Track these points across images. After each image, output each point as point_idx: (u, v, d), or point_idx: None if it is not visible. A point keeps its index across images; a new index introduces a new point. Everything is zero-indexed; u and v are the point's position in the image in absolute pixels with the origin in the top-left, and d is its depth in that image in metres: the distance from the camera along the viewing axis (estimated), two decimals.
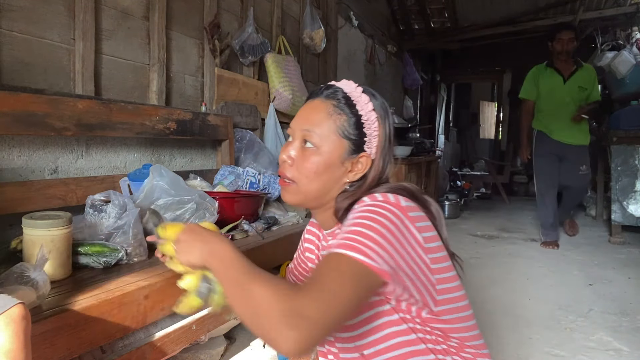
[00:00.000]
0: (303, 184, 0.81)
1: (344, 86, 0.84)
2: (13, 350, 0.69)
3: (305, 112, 0.84)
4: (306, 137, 0.81)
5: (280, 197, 2.52)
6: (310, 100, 0.86)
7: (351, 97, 0.81)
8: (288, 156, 0.83)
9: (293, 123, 0.85)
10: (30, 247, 1.16)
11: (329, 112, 0.81)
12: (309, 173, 0.80)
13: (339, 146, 0.80)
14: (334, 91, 0.83)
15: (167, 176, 1.66)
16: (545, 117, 3.73)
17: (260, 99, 2.93)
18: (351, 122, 0.80)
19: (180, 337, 1.36)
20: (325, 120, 0.80)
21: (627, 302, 2.45)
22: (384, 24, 5.78)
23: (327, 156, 0.80)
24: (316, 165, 0.80)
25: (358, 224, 0.68)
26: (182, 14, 2.32)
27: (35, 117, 1.48)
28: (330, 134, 0.80)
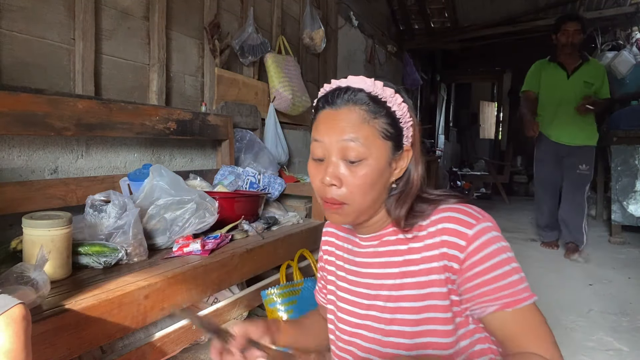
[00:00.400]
0: (357, 202, 0.74)
1: (363, 85, 0.76)
2: (13, 350, 0.69)
3: (335, 123, 0.74)
4: (349, 149, 0.72)
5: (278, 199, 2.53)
6: (330, 109, 0.76)
7: (377, 95, 0.75)
8: (333, 177, 0.73)
9: (324, 138, 0.74)
10: (30, 247, 1.16)
11: (364, 118, 0.73)
12: (363, 188, 0.73)
13: (384, 149, 0.74)
14: (354, 95, 0.75)
15: (167, 176, 1.66)
16: (545, 116, 3.49)
17: (260, 99, 2.93)
18: (389, 122, 0.75)
19: (180, 337, 1.36)
20: (365, 127, 0.73)
21: (627, 302, 2.45)
22: (384, 24, 5.78)
23: (377, 164, 0.73)
24: (370, 178, 0.73)
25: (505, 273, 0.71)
26: (182, 14, 2.32)
27: (35, 117, 1.48)
28: (374, 139, 0.73)
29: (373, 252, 0.82)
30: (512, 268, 0.71)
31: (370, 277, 0.81)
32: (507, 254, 0.72)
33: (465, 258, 0.72)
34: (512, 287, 0.70)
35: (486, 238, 0.71)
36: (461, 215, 0.74)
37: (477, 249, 0.71)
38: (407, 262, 0.77)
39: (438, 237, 0.74)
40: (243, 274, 1.66)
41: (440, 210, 0.76)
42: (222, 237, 1.67)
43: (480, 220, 0.73)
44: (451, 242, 0.73)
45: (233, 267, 1.59)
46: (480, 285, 0.71)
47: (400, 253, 0.78)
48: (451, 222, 0.74)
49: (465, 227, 0.72)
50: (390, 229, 0.81)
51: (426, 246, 0.75)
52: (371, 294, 0.81)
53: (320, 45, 3.47)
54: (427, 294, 0.75)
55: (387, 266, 0.79)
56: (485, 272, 0.71)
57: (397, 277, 0.77)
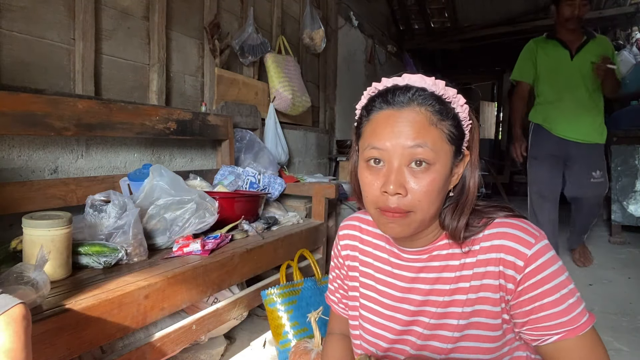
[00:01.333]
0: (423, 212, 0.67)
1: (424, 84, 0.69)
2: (14, 349, 0.69)
3: (400, 126, 0.66)
4: (417, 155, 0.65)
5: (278, 199, 2.54)
6: (390, 109, 0.68)
7: (442, 95, 0.69)
8: (398, 185, 0.66)
9: (387, 142, 0.66)
10: (30, 247, 1.16)
11: (431, 120, 0.66)
12: (431, 196, 0.67)
13: (449, 154, 0.68)
14: (419, 94, 0.68)
15: (167, 176, 1.66)
16: (545, 106, 2.85)
17: (260, 99, 2.93)
18: (454, 124, 0.68)
19: (180, 337, 1.36)
20: (433, 131, 0.66)
21: (627, 302, 2.45)
22: (384, 24, 5.78)
23: (443, 170, 0.67)
24: (437, 185, 0.67)
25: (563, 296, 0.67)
26: (182, 14, 2.32)
27: (35, 117, 1.48)
28: (442, 143, 0.67)
29: (421, 267, 0.76)
30: (569, 290, 0.68)
31: (415, 292, 0.76)
32: (564, 276, 0.68)
33: (521, 280, 0.68)
34: (572, 312, 0.67)
35: (544, 259, 0.68)
36: (519, 233, 0.69)
37: (535, 271, 0.67)
38: (459, 279, 0.72)
39: (494, 253, 0.70)
40: (243, 274, 1.66)
41: (495, 224, 0.72)
42: (222, 237, 1.67)
43: (538, 239, 0.69)
44: (509, 262, 0.69)
45: (233, 267, 1.59)
46: (537, 310, 0.68)
47: (453, 269, 0.73)
48: (509, 240, 0.69)
49: (525, 246, 0.68)
50: (440, 242, 0.75)
51: (479, 262, 0.71)
52: (414, 310, 0.76)
53: (320, 45, 3.47)
54: (475, 312, 0.71)
55: (437, 282, 0.74)
56: (543, 297, 0.67)
57: (447, 294, 0.73)
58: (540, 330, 0.68)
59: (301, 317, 1.55)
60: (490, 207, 0.76)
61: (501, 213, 0.74)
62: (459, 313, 0.72)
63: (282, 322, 1.54)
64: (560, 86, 2.76)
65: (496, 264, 0.69)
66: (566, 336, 0.66)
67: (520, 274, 0.68)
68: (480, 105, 10.36)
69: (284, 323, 1.54)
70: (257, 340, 1.81)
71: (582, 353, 0.66)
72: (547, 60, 2.80)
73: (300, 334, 1.53)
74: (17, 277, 0.98)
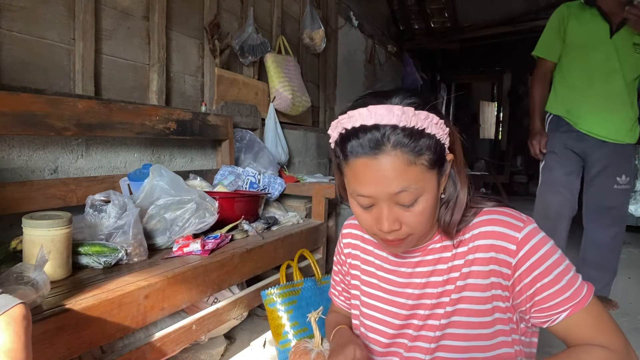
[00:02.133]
0: (420, 232, 0.72)
1: (393, 119, 0.64)
2: (14, 349, 0.69)
3: (381, 175, 0.65)
4: (402, 198, 0.67)
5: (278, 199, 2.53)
6: (365, 158, 0.66)
7: (414, 126, 0.65)
8: (392, 222, 0.68)
9: (370, 192, 0.67)
10: (30, 247, 1.16)
11: (409, 161, 0.65)
12: (425, 219, 0.70)
13: (434, 178, 0.69)
14: (390, 135, 0.64)
15: (167, 176, 1.66)
16: (570, 93, 2.24)
17: (260, 99, 2.93)
18: (433, 150, 0.67)
19: (180, 337, 1.36)
20: (412, 170, 0.65)
21: (627, 302, 2.44)
22: (384, 24, 5.78)
23: (431, 194, 0.69)
24: (429, 210, 0.69)
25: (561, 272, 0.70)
26: (182, 14, 2.32)
27: (35, 117, 1.48)
28: (423, 175, 0.67)
29: (417, 262, 0.79)
30: (565, 267, 0.70)
31: (412, 287, 0.79)
32: (557, 254, 0.71)
33: (517, 264, 0.69)
34: (572, 287, 0.69)
35: (536, 240, 0.70)
36: (507, 218, 0.72)
37: (529, 253, 0.69)
38: (452, 269, 0.75)
39: (482, 240, 0.71)
40: (243, 274, 1.66)
41: (483, 212, 0.74)
42: (222, 237, 1.67)
43: (527, 223, 0.71)
44: (500, 247, 0.70)
45: (233, 267, 1.59)
46: (539, 291, 0.69)
47: (446, 260, 0.76)
48: (497, 225, 0.71)
49: (514, 230, 0.70)
50: (435, 237, 0.78)
51: (470, 249, 0.73)
52: (411, 304, 0.78)
53: (320, 45, 3.47)
54: (461, 298, 0.73)
55: (432, 275, 0.77)
56: (542, 277, 0.69)
57: (440, 285, 0.75)
58: (546, 310, 0.70)
59: (301, 317, 1.54)
60: (478, 197, 0.78)
61: (489, 203, 0.77)
62: (447, 302, 0.74)
63: (282, 322, 1.54)
64: (593, 68, 2.16)
65: (486, 250, 0.71)
66: (573, 311, 0.69)
67: (514, 258, 0.70)
68: (480, 105, 10.36)
69: (284, 323, 1.54)
70: (257, 340, 1.81)
71: (592, 323, 0.69)
72: (580, 33, 2.19)
73: (300, 334, 1.53)
74: (17, 277, 0.98)
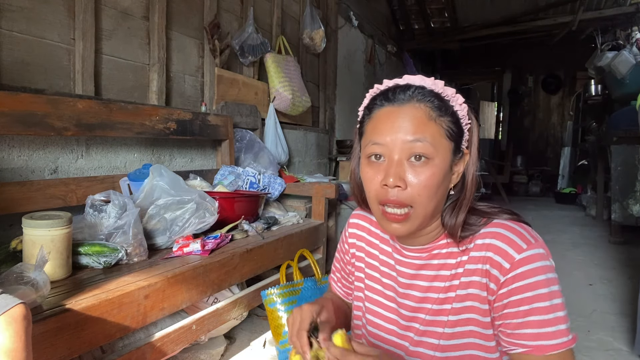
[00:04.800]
0: (423, 206, 0.68)
1: (424, 83, 0.71)
2: (14, 349, 0.69)
3: (401, 122, 0.68)
4: (416, 149, 0.66)
5: (278, 199, 2.53)
6: (390, 106, 0.70)
7: (441, 93, 0.70)
8: (397, 178, 0.67)
9: (387, 137, 0.68)
10: (30, 247, 1.16)
11: (430, 116, 0.68)
12: (430, 190, 0.67)
13: (448, 150, 0.69)
14: (419, 91, 0.70)
15: (167, 176, 1.66)
16: None
17: (260, 99, 2.93)
18: (453, 121, 0.70)
19: (180, 337, 1.36)
20: (432, 125, 0.68)
21: (627, 302, 2.45)
22: (384, 24, 5.78)
23: (443, 165, 0.68)
24: (437, 179, 0.67)
25: (543, 308, 0.65)
26: (182, 14, 2.32)
27: (35, 117, 1.48)
28: (441, 138, 0.68)
29: (421, 264, 0.77)
30: (551, 305, 0.64)
31: (415, 289, 0.78)
32: (551, 288, 0.65)
33: (504, 283, 0.67)
34: (547, 327, 0.64)
35: (533, 266, 0.66)
36: (513, 236, 0.68)
37: (519, 276, 0.66)
38: (454, 277, 0.73)
39: (484, 251, 0.70)
40: (243, 274, 1.66)
41: (492, 224, 0.71)
42: (222, 237, 1.68)
43: (532, 246, 0.67)
44: (495, 261, 0.68)
45: (233, 267, 1.59)
46: (510, 316, 0.66)
47: (450, 267, 0.74)
48: (501, 241, 0.68)
49: (514, 249, 0.67)
50: (441, 241, 0.76)
51: (470, 259, 0.71)
52: (413, 307, 0.77)
53: (320, 45, 3.47)
54: (467, 307, 0.71)
55: (435, 280, 0.75)
56: (520, 304, 0.65)
57: (442, 291, 0.74)
58: (510, 337, 0.66)
59: None
60: (495, 208, 0.75)
61: (504, 215, 0.74)
62: (449, 310, 0.73)
63: (282, 322, 1.54)
64: None
65: (483, 262, 0.69)
66: (532, 352, 0.64)
67: (504, 276, 0.67)
68: (480, 105, 10.36)
69: (284, 323, 1.54)
70: (257, 340, 1.81)
71: None
72: None
73: None
74: (17, 277, 0.98)
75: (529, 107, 8.34)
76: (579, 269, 3.10)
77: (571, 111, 7.76)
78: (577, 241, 4.01)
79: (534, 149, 8.28)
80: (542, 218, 5.26)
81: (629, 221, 3.78)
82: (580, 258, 3.41)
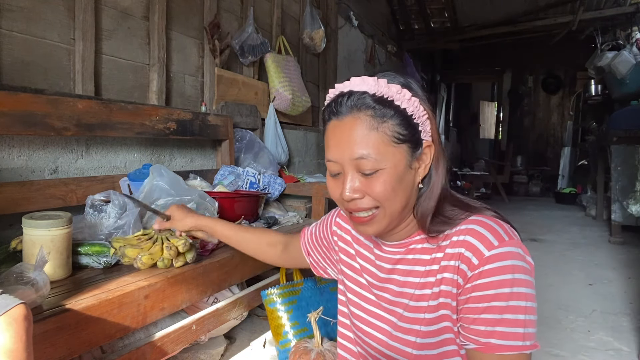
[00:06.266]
0: (387, 207, 0.70)
1: (365, 86, 0.70)
2: (15, 350, 0.69)
3: (344, 138, 0.69)
4: (361, 165, 0.68)
5: (278, 199, 2.53)
6: (335, 120, 0.71)
7: (383, 95, 0.68)
8: (354, 190, 0.70)
9: (335, 155, 0.71)
10: (30, 247, 1.16)
11: (371, 125, 0.67)
12: (388, 195, 0.69)
13: (400, 154, 0.69)
14: (358, 98, 0.69)
15: (167, 176, 1.66)
16: None
17: (260, 99, 2.93)
18: (400, 122, 0.68)
19: (180, 337, 1.36)
20: (373, 137, 0.67)
21: (627, 302, 2.45)
22: (384, 24, 5.78)
23: (394, 170, 0.68)
24: (389, 185, 0.68)
25: (504, 308, 0.63)
26: (182, 14, 2.32)
27: (35, 117, 1.48)
28: (386, 146, 0.68)
29: (398, 259, 0.78)
30: (508, 305, 0.63)
31: (392, 283, 0.79)
32: (513, 289, 0.63)
33: (470, 278, 0.66)
34: (500, 326, 0.63)
35: (500, 265, 0.64)
36: (486, 232, 0.68)
37: (485, 273, 0.65)
38: (429, 273, 0.73)
39: (457, 248, 0.69)
40: (243, 274, 1.66)
41: (468, 221, 0.71)
42: None
43: (505, 244, 0.66)
44: (466, 258, 0.68)
45: (233, 267, 1.59)
46: (469, 311, 0.66)
47: (424, 263, 0.74)
48: (474, 237, 0.68)
49: (485, 246, 0.66)
50: (417, 237, 0.76)
51: (445, 255, 0.71)
52: (391, 300, 0.78)
53: (320, 45, 3.47)
54: (440, 304, 0.71)
55: (410, 275, 0.76)
56: (480, 300, 0.65)
57: (417, 287, 0.74)
58: (465, 330, 0.67)
59: (301, 317, 1.54)
60: (476, 205, 0.75)
61: (487, 212, 0.73)
62: (426, 307, 0.73)
63: (282, 322, 1.54)
64: None
65: (456, 259, 0.69)
66: (481, 349, 0.64)
67: (472, 271, 0.66)
68: (480, 105, 10.37)
69: (284, 323, 1.54)
70: (257, 340, 1.81)
71: None
72: None
73: (300, 334, 1.53)
74: (17, 277, 0.98)
75: (529, 107, 8.34)
76: (579, 269, 3.10)
77: (571, 111, 7.77)
78: (577, 241, 4.01)
79: (534, 149, 8.28)
80: (542, 218, 5.27)
81: (629, 221, 3.79)
82: (580, 258, 3.41)
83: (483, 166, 8.03)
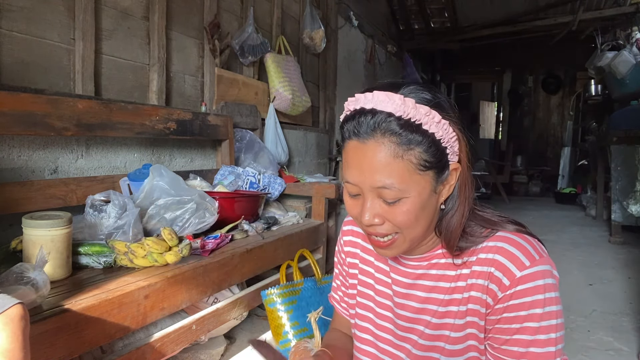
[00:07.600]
0: (408, 232, 0.67)
1: (390, 106, 0.62)
2: (11, 350, 0.69)
3: (366, 163, 0.63)
4: (384, 194, 0.64)
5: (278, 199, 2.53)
6: (356, 140, 0.64)
7: (410, 118, 0.62)
8: (375, 215, 0.66)
9: (355, 179, 0.66)
10: (30, 247, 1.16)
11: (395, 153, 0.61)
12: (410, 221, 0.65)
13: (425, 181, 0.64)
14: (383, 121, 0.62)
15: (167, 176, 1.66)
16: None
17: (260, 99, 2.93)
18: (427, 149, 0.63)
19: (180, 337, 1.36)
20: (399, 164, 0.62)
21: (627, 302, 2.44)
22: (384, 24, 5.78)
23: (418, 198, 0.64)
24: (413, 213, 0.64)
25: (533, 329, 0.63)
26: (182, 14, 2.32)
27: (35, 117, 1.48)
28: (411, 176, 0.63)
29: (420, 274, 0.75)
30: (547, 325, 0.63)
31: (412, 299, 0.75)
32: (549, 308, 0.63)
33: (501, 299, 0.65)
34: (538, 347, 0.62)
35: (532, 285, 0.63)
36: (517, 252, 0.65)
37: (517, 294, 0.64)
38: (454, 290, 0.71)
39: (487, 267, 0.67)
40: (243, 274, 1.66)
41: (496, 238, 0.68)
42: (222, 237, 1.67)
43: (536, 262, 0.64)
44: (496, 277, 0.66)
45: (233, 267, 1.59)
46: (501, 331, 0.65)
47: (449, 279, 0.72)
48: (504, 256, 0.66)
49: (517, 266, 0.64)
50: (438, 251, 0.73)
51: (473, 273, 0.69)
52: (410, 317, 0.75)
53: (320, 45, 3.47)
54: (467, 323, 0.70)
55: (433, 291, 0.73)
56: (513, 321, 0.64)
57: (442, 304, 0.72)
58: (495, 351, 0.66)
59: (301, 317, 1.54)
60: (499, 217, 0.72)
61: (510, 227, 0.70)
62: (452, 325, 0.71)
63: (282, 322, 1.54)
64: None
65: (485, 278, 0.67)
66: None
67: (502, 292, 0.65)
68: (480, 105, 10.37)
69: (284, 323, 1.54)
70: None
71: None
72: None
73: (300, 334, 1.52)
74: (17, 277, 0.98)
75: (529, 107, 8.34)
76: (579, 269, 3.10)
77: (571, 111, 7.77)
78: (577, 241, 4.01)
79: (534, 149, 8.28)
80: (542, 218, 5.26)
81: (629, 221, 3.79)
82: (580, 258, 3.40)
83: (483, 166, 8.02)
